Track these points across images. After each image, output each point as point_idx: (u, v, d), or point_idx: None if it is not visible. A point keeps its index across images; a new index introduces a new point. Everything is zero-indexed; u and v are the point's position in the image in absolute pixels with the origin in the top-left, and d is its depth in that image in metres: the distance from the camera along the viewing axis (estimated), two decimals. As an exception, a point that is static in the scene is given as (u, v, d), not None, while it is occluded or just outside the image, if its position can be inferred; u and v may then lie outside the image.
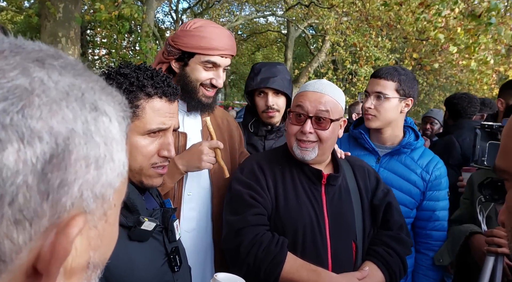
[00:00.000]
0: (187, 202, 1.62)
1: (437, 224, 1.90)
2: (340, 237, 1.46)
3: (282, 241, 1.37)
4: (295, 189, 1.47)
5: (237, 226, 1.40)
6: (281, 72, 2.14)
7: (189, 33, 1.60)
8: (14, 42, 0.36)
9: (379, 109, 1.86)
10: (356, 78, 12.12)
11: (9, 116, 0.30)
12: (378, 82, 1.86)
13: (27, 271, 0.33)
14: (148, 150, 1.09)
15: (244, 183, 1.47)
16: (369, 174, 1.63)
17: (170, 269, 1.10)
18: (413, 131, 1.99)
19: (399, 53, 12.63)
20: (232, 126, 1.87)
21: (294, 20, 13.69)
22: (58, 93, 0.34)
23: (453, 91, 14.14)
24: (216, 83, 1.63)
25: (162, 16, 19.25)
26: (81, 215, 0.35)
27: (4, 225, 0.30)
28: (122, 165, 0.39)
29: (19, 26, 15.51)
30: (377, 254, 1.48)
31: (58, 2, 5.41)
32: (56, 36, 5.48)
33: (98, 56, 15.66)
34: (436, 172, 1.88)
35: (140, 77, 1.07)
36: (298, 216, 1.43)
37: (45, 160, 0.31)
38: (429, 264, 1.90)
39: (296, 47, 18.51)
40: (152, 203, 1.20)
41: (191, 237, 1.61)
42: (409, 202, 1.87)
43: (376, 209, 1.55)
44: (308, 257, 1.38)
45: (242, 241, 1.36)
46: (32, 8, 9.59)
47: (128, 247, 1.00)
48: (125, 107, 0.42)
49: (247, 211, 1.40)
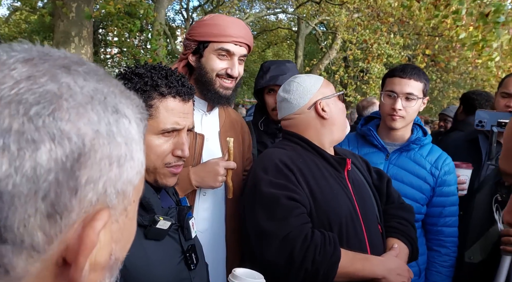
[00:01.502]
0: (202, 202, 1.63)
1: (448, 220, 1.89)
2: (370, 221, 1.49)
3: (334, 238, 1.33)
4: (325, 180, 1.43)
5: (281, 233, 1.29)
6: (291, 69, 2.14)
7: (203, 23, 1.61)
8: (42, 50, 0.39)
9: (408, 110, 1.84)
10: (367, 76, 12.00)
11: (42, 118, 0.33)
12: (407, 83, 1.84)
13: (57, 261, 0.36)
14: (162, 150, 1.09)
15: (275, 184, 1.35)
16: (358, 158, 1.72)
17: (186, 267, 1.10)
18: (420, 128, 1.99)
19: (411, 49, 12.47)
20: (244, 129, 1.87)
21: (305, 17, 13.61)
22: (83, 97, 0.36)
23: (467, 88, 13.91)
24: (231, 72, 1.59)
25: (172, 15, 19.36)
26: (106, 210, 0.38)
27: (38, 218, 0.33)
28: (141, 163, 0.42)
29: (33, 26, 15.76)
30: (395, 229, 1.56)
31: (71, 2, 5.47)
32: (69, 35, 5.54)
33: (110, 55, 15.82)
34: (445, 168, 1.88)
35: (154, 77, 1.07)
36: (339, 207, 1.40)
37: (73, 158, 0.34)
38: (442, 260, 1.89)
39: (307, 44, 18.40)
40: (168, 201, 1.20)
41: (204, 237, 1.61)
42: (420, 197, 1.86)
43: (379, 188, 1.64)
44: (352, 246, 1.38)
45: (294, 248, 1.26)
46: (46, 8, 9.73)
47: (145, 245, 1.01)
48: (142, 110, 0.44)
49: (289, 214, 1.30)
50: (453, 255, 1.90)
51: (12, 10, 13.86)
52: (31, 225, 0.33)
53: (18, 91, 0.33)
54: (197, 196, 1.61)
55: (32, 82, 0.34)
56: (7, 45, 0.38)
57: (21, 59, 0.36)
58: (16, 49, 0.38)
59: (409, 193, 1.84)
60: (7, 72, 0.34)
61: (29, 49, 0.38)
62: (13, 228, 0.32)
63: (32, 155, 0.32)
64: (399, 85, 1.85)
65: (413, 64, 1.99)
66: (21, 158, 0.31)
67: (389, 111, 1.86)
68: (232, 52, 1.59)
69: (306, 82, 1.52)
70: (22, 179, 0.32)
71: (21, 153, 0.31)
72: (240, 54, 1.62)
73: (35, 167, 0.32)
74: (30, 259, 0.34)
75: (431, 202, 1.89)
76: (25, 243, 0.33)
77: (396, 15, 8.88)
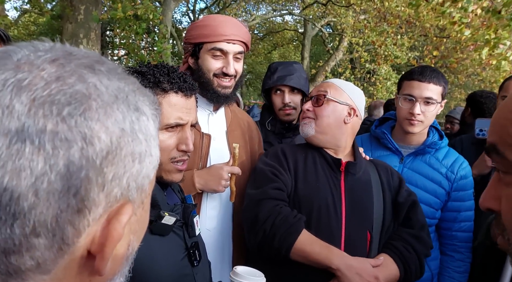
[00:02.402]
0: (210, 201, 1.64)
1: (462, 225, 1.84)
2: (356, 224, 1.48)
3: (300, 217, 1.43)
4: (316, 173, 1.53)
5: (257, 197, 1.46)
6: (298, 70, 2.15)
7: (196, 25, 1.63)
8: (65, 49, 0.41)
9: (427, 114, 1.78)
10: (374, 77, 11.95)
11: (74, 119, 0.35)
12: (427, 87, 1.76)
13: (83, 253, 0.38)
14: (167, 145, 1.10)
15: (267, 163, 1.57)
16: (392, 173, 1.66)
17: (189, 263, 1.11)
18: (437, 131, 1.94)
19: (419, 51, 12.39)
20: (252, 127, 1.88)
21: (311, 18, 13.61)
22: (109, 97, 0.38)
23: (475, 89, 13.76)
24: (227, 71, 1.59)
25: (179, 17, 19.48)
26: (129, 204, 0.40)
27: (69, 213, 0.35)
28: (157, 159, 0.44)
29: (42, 28, 15.95)
30: (394, 248, 1.49)
31: (79, 4, 5.54)
32: (77, 37, 5.61)
33: (117, 57, 15.94)
34: (461, 172, 1.83)
35: (157, 74, 1.09)
36: (314, 197, 1.48)
37: (102, 156, 0.36)
38: (455, 266, 1.84)
39: (313, 46, 18.39)
40: (174, 199, 1.21)
41: (211, 235, 1.62)
42: (434, 202, 1.82)
43: (400, 206, 1.57)
44: (321, 237, 1.41)
45: (261, 210, 1.42)
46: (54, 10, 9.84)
47: (149, 240, 1.01)
48: (156, 106, 0.46)
49: (268, 184, 1.48)
50: (467, 261, 1.86)
51: (21, 12, 14.05)
52: (63, 220, 0.35)
53: (50, 92, 0.34)
54: (205, 195, 1.62)
55: (62, 83, 0.35)
56: (30, 43, 0.40)
57: (49, 59, 0.37)
58: (41, 48, 0.39)
59: (423, 197, 1.79)
60: (37, 73, 0.35)
61: (53, 48, 0.40)
62: (46, 222, 0.34)
63: (65, 153, 0.34)
64: (418, 89, 1.77)
65: (432, 66, 1.88)
66: (55, 156, 0.33)
67: (407, 115, 1.80)
68: (226, 50, 1.58)
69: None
70: (56, 176, 0.33)
71: (56, 152, 0.33)
72: (235, 52, 1.60)
73: (68, 165, 0.34)
74: (60, 252, 0.36)
75: (446, 207, 1.84)
76: (57, 236, 0.35)
77: (403, 17, 8.83)
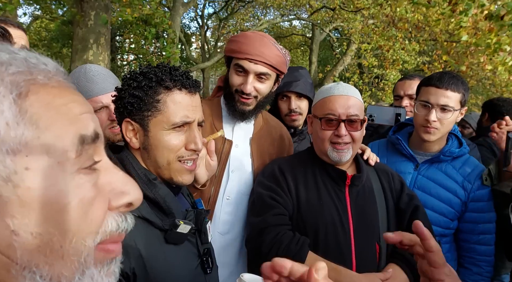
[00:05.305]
0: (225, 206, 1.64)
1: (482, 238, 1.77)
2: (365, 237, 1.46)
3: (303, 241, 1.40)
4: (317, 190, 1.50)
5: (259, 227, 1.45)
6: (304, 76, 2.15)
7: (231, 39, 1.68)
8: None
9: (443, 122, 1.72)
10: (383, 82, 11.89)
11: None
12: (444, 94, 1.70)
13: None
14: (175, 144, 1.08)
15: (264, 185, 1.53)
16: (393, 177, 1.63)
17: (203, 271, 1.10)
18: (457, 138, 1.88)
19: (428, 56, 12.30)
20: (284, 137, 1.86)
21: (319, 23, 13.60)
22: None
23: (485, 94, 13.62)
24: (243, 89, 1.59)
25: (188, 21, 19.64)
26: None
27: None
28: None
29: (53, 34, 16.18)
30: (401, 257, 1.45)
31: (89, 10, 5.60)
32: (88, 42, 5.66)
33: (127, 62, 16.09)
34: (479, 182, 1.77)
35: (159, 73, 1.09)
36: (320, 216, 1.45)
37: None
38: (473, 279, 1.77)
39: (321, 51, 18.38)
40: (184, 203, 1.20)
41: (225, 240, 1.63)
42: (448, 212, 1.76)
43: (402, 212, 1.54)
44: (331, 257, 1.37)
45: (264, 241, 1.41)
46: (65, 16, 9.98)
47: (165, 250, 1.01)
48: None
49: (268, 212, 1.46)
50: (486, 275, 1.78)
51: (33, 18, 14.28)
52: None
53: None
54: (220, 199, 1.62)
55: None
56: None
57: None
58: None
59: (436, 206, 1.75)
60: None
61: None
62: None
63: None
64: (434, 95, 1.72)
65: (452, 72, 1.83)
66: None
67: (422, 122, 1.75)
68: (246, 68, 1.58)
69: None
70: None
71: None
72: (256, 72, 1.58)
73: None
74: None
75: (463, 217, 1.78)
76: None
77: (412, 21, 8.78)
